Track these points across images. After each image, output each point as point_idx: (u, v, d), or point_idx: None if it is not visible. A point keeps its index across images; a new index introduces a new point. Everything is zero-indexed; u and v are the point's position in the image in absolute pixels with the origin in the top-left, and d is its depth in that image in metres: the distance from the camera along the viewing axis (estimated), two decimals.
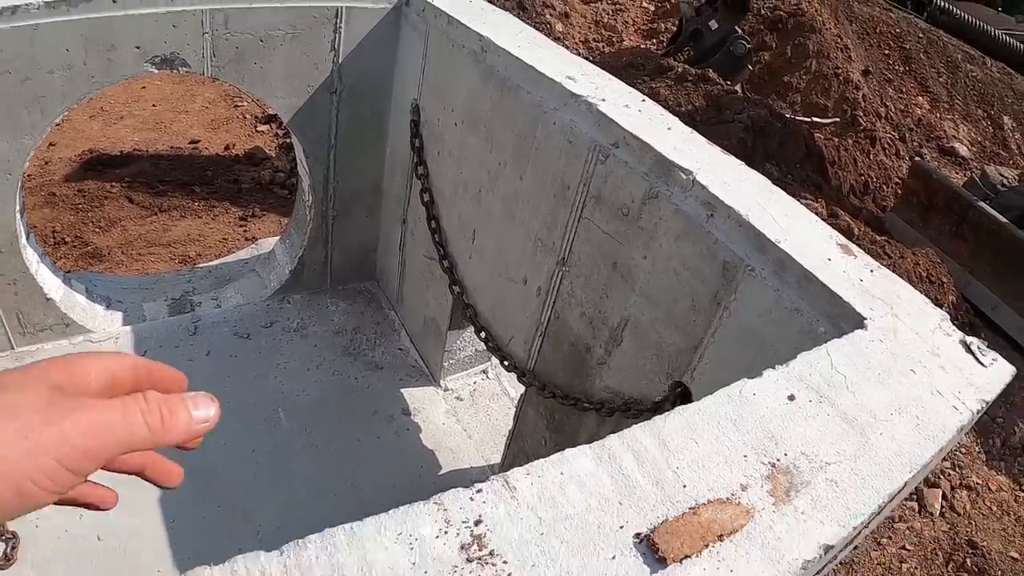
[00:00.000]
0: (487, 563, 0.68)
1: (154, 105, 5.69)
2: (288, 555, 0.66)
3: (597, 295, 1.87)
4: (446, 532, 0.71)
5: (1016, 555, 3.65)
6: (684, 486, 0.83)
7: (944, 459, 4.07)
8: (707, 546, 0.77)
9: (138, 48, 2.29)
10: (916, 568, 3.46)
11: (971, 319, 5.02)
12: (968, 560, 3.54)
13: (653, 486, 0.82)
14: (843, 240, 1.51)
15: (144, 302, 2.98)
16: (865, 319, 1.26)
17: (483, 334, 2.36)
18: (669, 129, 1.76)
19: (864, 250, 4.75)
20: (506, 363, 2.26)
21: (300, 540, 0.67)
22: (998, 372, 1.24)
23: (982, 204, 5.46)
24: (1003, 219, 5.33)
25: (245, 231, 4.41)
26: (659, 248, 1.65)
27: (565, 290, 1.99)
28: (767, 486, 0.87)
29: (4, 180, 2.34)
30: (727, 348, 1.54)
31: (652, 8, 7.93)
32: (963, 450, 4.15)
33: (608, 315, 1.85)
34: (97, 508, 0.67)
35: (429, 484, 2.55)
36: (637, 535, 0.75)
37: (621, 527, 0.76)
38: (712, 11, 6.07)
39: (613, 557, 0.73)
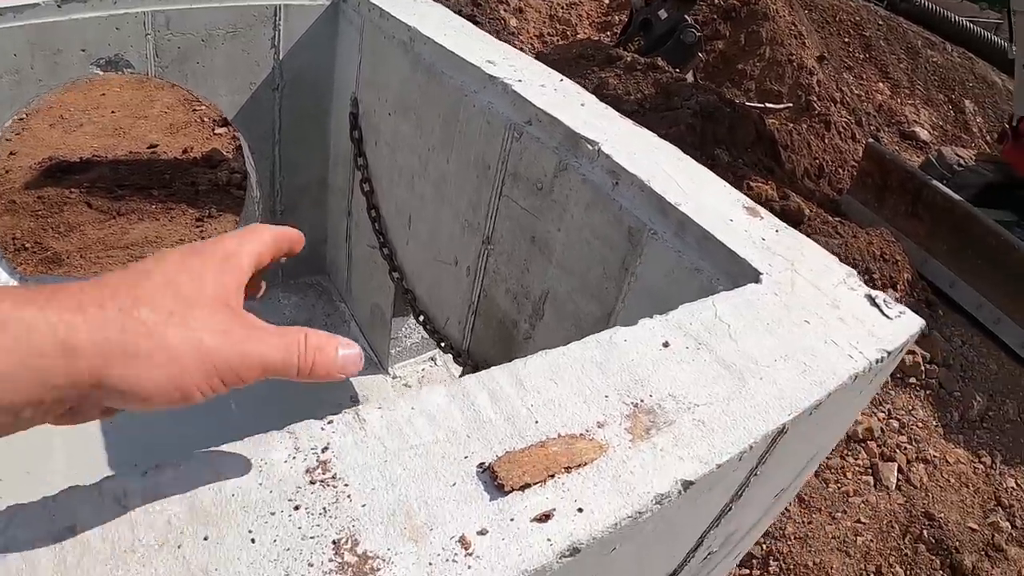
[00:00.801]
0: (329, 485, 0.72)
1: (113, 112, 5.68)
2: (149, 476, 0.71)
3: (519, 270, 1.91)
4: (294, 457, 0.75)
5: (974, 525, 3.66)
6: (536, 422, 0.85)
7: (900, 433, 4.09)
8: (552, 476, 0.78)
9: (83, 51, 2.32)
10: (872, 540, 3.47)
11: (928, 296, 5.07)
12: (925, 532, 3.54)
13: (505, 422, 0.84)
14: (750, 204, 1.51)
15: None
16: (761, 274, 1.25)
17: (422, 317, 2.40)
18: (582, 105, 1.80)
19: (816, 231, 4.75)
20: (443, 344, 2.29)
21: (161, 463, 0.72)
22: (904, 324, 1.21)
23: (936, 183, 5.51)
24: (958, 197, 5.38)
25: (202, 232, 4.41)
26: (571, 219, 1.69)
27: (491, 267, 2.02)
28: (626, 424, 0.88)
29: None
30: (637, 312, 1.54)
31: (607, 1, 7.98)
32: (920, 424, 4.17)
33: (530, 289, 1.89)
34: None
35: None
36: (481, 465, 0.78)
37: (466, 457, 0.79)
38: (661, 1, 6.11)
39: (453, 484, 0.76)
